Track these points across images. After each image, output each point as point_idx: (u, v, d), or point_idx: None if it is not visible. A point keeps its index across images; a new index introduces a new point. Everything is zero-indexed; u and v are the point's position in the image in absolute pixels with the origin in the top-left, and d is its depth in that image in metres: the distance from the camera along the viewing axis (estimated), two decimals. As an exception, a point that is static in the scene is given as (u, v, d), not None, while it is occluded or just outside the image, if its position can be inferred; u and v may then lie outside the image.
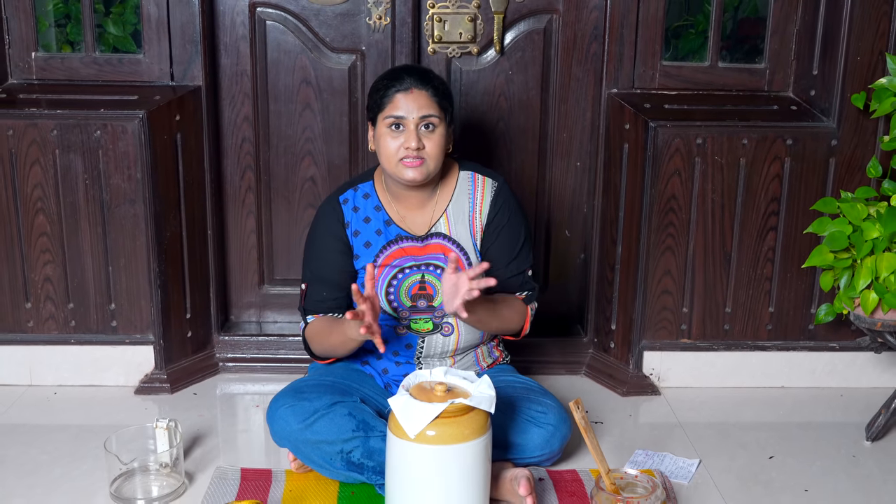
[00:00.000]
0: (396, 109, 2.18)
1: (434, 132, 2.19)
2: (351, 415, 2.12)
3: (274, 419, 2.18)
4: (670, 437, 2.53)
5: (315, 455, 2.13)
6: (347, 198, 2.31)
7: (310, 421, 2.12)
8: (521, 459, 2.20)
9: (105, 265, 2.67)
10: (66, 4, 2.73)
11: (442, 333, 2.30)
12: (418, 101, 2.18)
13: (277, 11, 2.76)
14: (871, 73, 2.57)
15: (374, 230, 2.29)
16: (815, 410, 2.70)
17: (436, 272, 2.28)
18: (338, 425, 2.11)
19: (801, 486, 2.28)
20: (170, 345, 2.74)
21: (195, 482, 2.25)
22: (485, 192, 2.32)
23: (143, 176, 2.59)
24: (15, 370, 2.74)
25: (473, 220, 2.31)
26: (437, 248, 2.29)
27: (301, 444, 2.13)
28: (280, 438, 2.19)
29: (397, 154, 2.17)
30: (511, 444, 2.18)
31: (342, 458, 2.11)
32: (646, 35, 2.73)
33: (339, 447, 2.11)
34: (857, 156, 2.64)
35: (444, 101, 2.22)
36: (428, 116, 2.18)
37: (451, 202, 2.30)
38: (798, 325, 2.78)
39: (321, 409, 2.13)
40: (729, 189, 2.66)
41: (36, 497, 2.17)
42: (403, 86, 2.19)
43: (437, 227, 2.30)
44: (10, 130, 2.55)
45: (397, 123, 2.18)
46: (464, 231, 2.30)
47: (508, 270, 2.31)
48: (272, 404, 2.21)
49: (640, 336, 2.77)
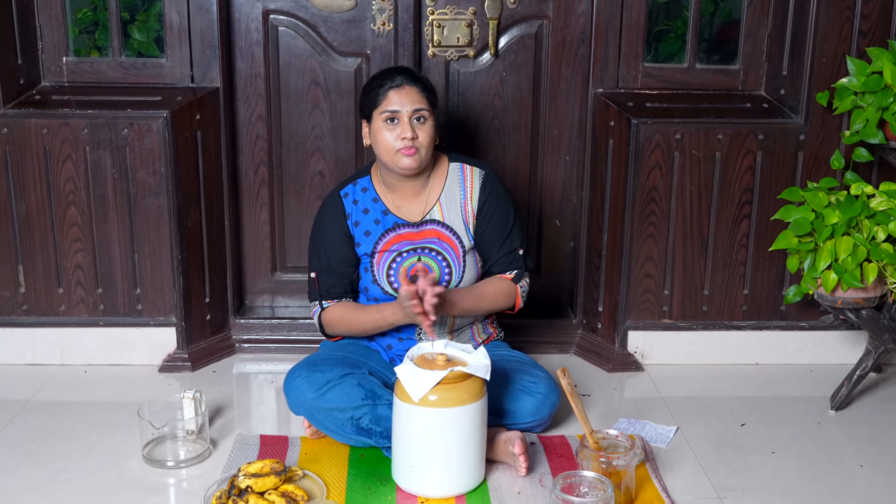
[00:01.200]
0: (391, 104, 2.39)
1: (425, 124, 2.41)
2: (360, 385, 2.34)
3: (290, 389, 2.40)
4: (652, 408, 2.73)
5: (328, 421, 2.34)
6: (347, 192, 2.53)
7: (323, 390, 2.33)
8: (514, 425, 2.42)
9: (131, 253, 2.87)
10: (94, 13, 2.91)
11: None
12: (410, 96, 2.39)
13: (289, 18, 2.96)
14: (834, 74, 2.76)
15: (372, 220, 2.50)
16: (786, 384, 2.89)
17: (431, 254, 2.49)
18: (348, 394, 2.33)
19: (768, 449, 2.49)
20: (190, 327, 2.95)
21: (218, 447, 2.47)
22: (473, 181, 2.54)
23: (166, 170, 2.79)
24: (48, 350, 2.93)
25: (465, 207, 2.52)
26: (431, 233, 2.51)
27: (315, 412, 2.35)
28: (296, 407, 2.40)
29: (394, 145, 2.39)
30: (505, 411, 2.40)
31: (352, 424, 2.33)
32: (629, 39, 2.91)
33: (349, 414, 2.32)
34: (823, 150, 2.83)
35: (431, 96, 2.45)
36: (419, 110, 2.40)
37: (444, 191, 2.52)
38: (770, 306, 2.97)
39: (333, 380, 2.34)
40: (706, 180, 2.86)
41: (76, 460, 2.39)
42: (395, 83, 2.40)
43: (432, 214, 2.51)
44: (45, 129, 2.76)
45: (392, 117, 2.40)
46: (456, 217, 2.52)
47: (501, 251, 2.53)
48: (288, 376, 2.43)
49: (624, 317, 2.97)
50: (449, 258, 2.49)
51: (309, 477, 2.26)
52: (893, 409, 2.73)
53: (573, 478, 2.04)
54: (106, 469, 2.35)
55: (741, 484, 2.32)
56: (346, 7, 2.95)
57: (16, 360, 2.93)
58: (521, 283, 2.58)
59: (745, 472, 2.37)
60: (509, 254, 2.55)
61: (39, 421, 2.59)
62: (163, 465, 2.36)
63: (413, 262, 2.49)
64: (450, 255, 2.49)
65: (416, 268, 2.37)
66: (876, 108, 2.54)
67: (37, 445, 2.45)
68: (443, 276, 2.49)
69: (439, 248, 2.49)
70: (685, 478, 2.34)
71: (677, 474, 2.36)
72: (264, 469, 2.17)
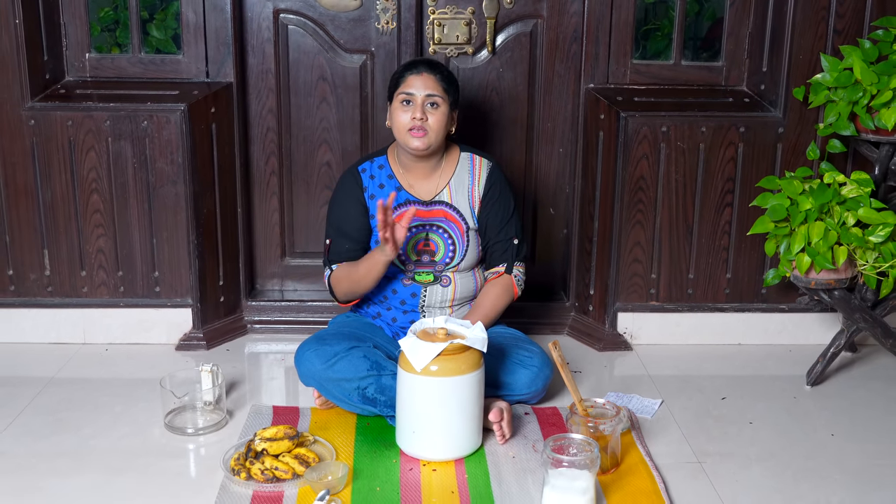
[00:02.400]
0: (408, 87, 2.59)
1: (437, 110, 2.59)
2: (366, 357, 2.51)
3: (301, 361, 2.58)
4: (639, 384, 2.91)
5: (336, 391, 2.52)
6: (365, 168, 2.72)
7: (331, 362, 2.51)
8: (510, 396, 2.60)
9: (150, 238, 3.04)
10: (115, 11, 3.08)
11: (441, 285, 2.70)
12: (426, 82, 2.58)
13: (298, 17, 3.13)
14: (810, 70, 2.93)
15: (387, 195, 2.68)
16: (766, 363, 3.07)
17: (438, 231, 2.68)
18: (355, 365, 2.50)
19: (746, 420, 2.67)
20: (205, 308, 3.12)
21: (234, 417, 2.64)
22: (481, 171, 2.72)
23: (183, 160, 2.96)
24: (71, 330, 3.11)
25: (472, 192, 2.71)
26: (440, 213, 2.69)
27: (324, 382, 2.53)
28: (306, 378, 2.58)
29: (406, 125, 2.58)
30: (502, 383, 2.58)
31: (358, 394, 2.51)
32: (618, 37, 3.07)
33: (356, 384, 2.50)
34: (800, 141, 3.00)
35: (448, 86, 2.62)
36: (433, 95, 2.58)
37: (454, 176, 2.70)
38: (752, 289, 3.15)
39: (341, 353, 2.52)
40: (690, 170, 3.03)
41: (102, 427, 2.57)
42: (416, 70, 2.60)
43: (441, 195, 2.70)
44: (70, 121, 2.93)
45: (408, 100, 2.59)
46: (463, 200, 2.70)
47: (499, 237, 2.72)
48: (299, 349, 2.60)
49: (614, 299, 3.14)
50: (454, 236, 2.67)
51: (319, 442, 2.43)
52: (865, 385, 2.91)
53: (563, 440, 2.22)
54: (131, 436, 2.53)
55: (719, 449, 2.50)
56: (352, 7, 3.12)
57: (41, 339, 3.11)
58: (516, 273, 2.75)
59: (723, 440, 2.55)
60: (505, 241, 2.73)
61: (66, 394, 2.77)
62: (183, 432, 2.54)
63: (422, 237, 2.67)
64: (454, 233, 2.67)
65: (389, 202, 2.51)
66: (847, 103, 2.72)
67: (65, 415, 2.63)
68: (447, 252, 2.67)
69: (446, 226, 2.68)
70: (668, 444, 2.52)
71: (660, 441, 2.54)
72: (278, 434, 2.34)
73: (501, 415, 2.46)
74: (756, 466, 2.42)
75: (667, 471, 2.37)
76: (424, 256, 2.69)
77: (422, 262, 2.69)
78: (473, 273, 2.76)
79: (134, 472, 2.34)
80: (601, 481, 2.28)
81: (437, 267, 2.70)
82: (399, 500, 2.20)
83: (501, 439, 2.47)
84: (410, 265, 2.69)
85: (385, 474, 2.32)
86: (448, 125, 2.64)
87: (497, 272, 2.74)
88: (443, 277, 2.70)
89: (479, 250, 2.73)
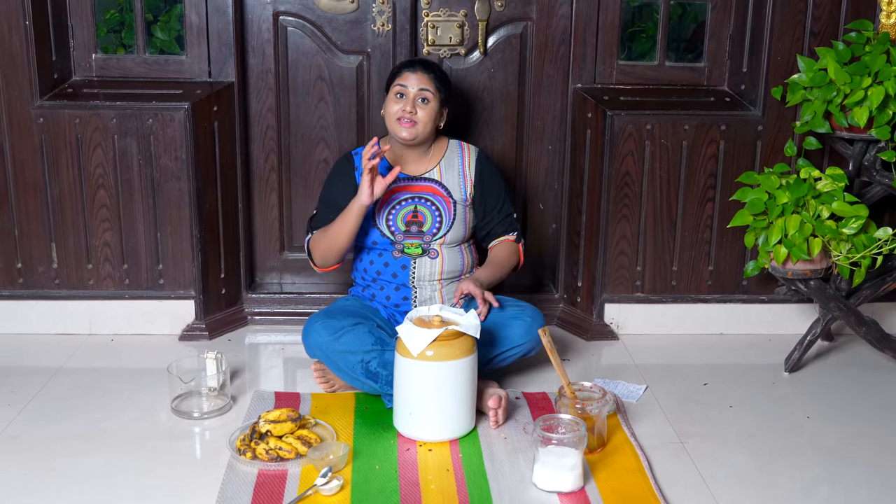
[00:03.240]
0: (402, 81, 2.78)
1: (427, 105, 2.76)
2: (370, 332, 2.64)
3: (309, 333, 2.69)
4: (625, 371, 3.03)
5: (341, 362, 2.64)
6: (358, 151, 2.91)
7: (338, 335, 2.63)
8: (509, 350, 2.73)
9: (154, 232, 3.15)
10: (120, 13, 3.19)
11: (429, 257, 2.83)
12: (420, 78, 2.76)
13: (297, 19, 3.24)
14: (788, 71, 3.07)
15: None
16: (747, 352, 3.20)
17: (426, 204, 2.83)
18: (360, 339, 2.62)
19: (726, 404, 2.80)
20: (207, 300, 3.23)
21: (238, 402, 2.76)
22: (470, 154, 2.92)
23: (187, 157, 3.08)
24: (77, 322, 3.22)
25: (464, 172, 2.87)
26: (427, 188, 2.85)
27: (330, 353, 2.64)
28: (313, 349, 2.70)
29: (396, 115, 2.75)
30: (500, 337, 2.71)
31: (362, 367, 2.62)
32: (605, 39, 3.20)
33: (360, 357, 2.62)
34: (779, 139, 3.14)
35: (440, 84, 2.79)
36: (424, 90, 2.76)
37: (443, 158, 2.88)
38: (733, 281, 3.28)
39: (347, 326, 2.64)
40: (673, 167, 3.16)
41: (112, 412, 2.68)
42: (412, 67, 2.80)
43: (431, 174, 2.87)
44: (77, 119, 3.04)
45: (401, 93, 2.77)
46: (453, 178, 2.86)
47: (500, 214, 2.91)
48: (308, 323, 2.72)
49: (601, 291, 3.27)
50: (441, 208, 2.83)
51: (320, 425, 2.55)
52: (841, 371, 3.05)
53: (552, 420, 2.34)
54: (139, 420, 2.64)
55: (701, 431, 2.63)
56: (349, 9, 3.24)
57: (48, 329, 3.21)
58: (522, 242, 2.96)
59: (704, 422, 2.68)
60: (507, 217, 2.93)
61: (75, 381, 2.88)
62: (189, 416, 2.65)
63: (410, 209, 2.82)
64: (441, 205, 2.83)
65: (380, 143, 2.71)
66: (822, 102, 2.85)
67: (75, 401, 2.74)
68: (434, 222, 2.82)
69: (433, 199, 2.84)
70: (651, 426, 2.65)
71: (645, 423, 2.67)
72: (282, 416, 2.46)
73: (500, 402, 2.58)
74: (735, 446, 2.55)
75: (651, 450, 2.50)
76: (413, 227, 2.83)
77: (410, 233, 2.83)
78: (460, 248, 2.89)
79: (144, 452, 2.45)
80: (588, 460, 2.40)
81: (424, 238, 2.83)
82: (397, 478, 2.32)
83: (495, 425, 2.59)
84: (400, 236, 2.82)
85: (383, 454, 2.44)
86: (437, 120, 2.82)
87: (507, 239, 2.92)
88: (430, 250, 2.84)
89: (465, 226, 2.87)
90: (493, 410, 2.58)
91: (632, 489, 2.28)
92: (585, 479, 2.30)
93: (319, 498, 2.22)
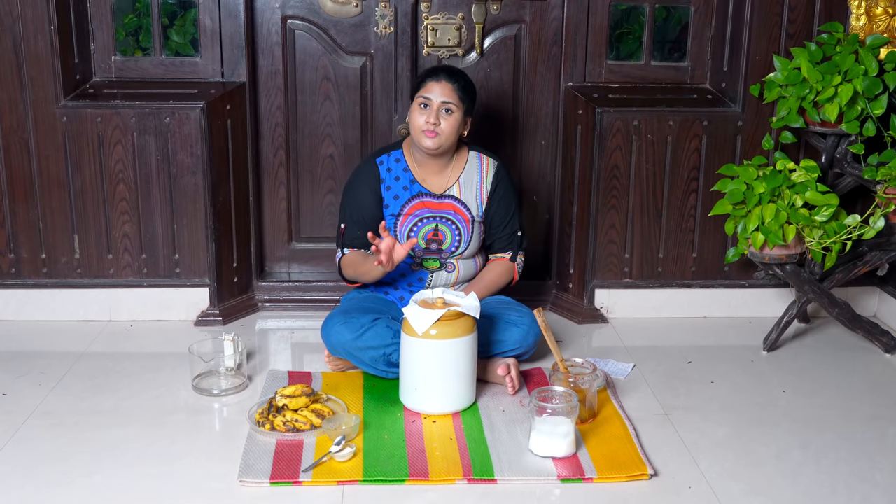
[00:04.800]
0: (427, 92, 2.86)
1: (451, 115, 2.86)
2: (388, 327, 2.81)
3: (330, 334, 2.84)
4: (614, 351, 3.23)
5: (364, 357, 2.81)
6: (383, 160, 2.98)
7: (360, 333, 2.79)
8: (504, 353, 2.91)
9: (171, 224, 3.33)
10: (138, 18, 3.36)
11: (446, 271, 3.01)
12: (444, 90, 2.84)
13: (304, 23, 3.42)
14: (765, 69, 3.26)
15: (402, 186, 2.97)
16: (728, 333, 3.40)
17: (447, 223, 2.97)
18: (381, 335, 2.79)
19: (708, 379, 3.01)
20: (221, 287, 3.41)
21: (253, 382, 2.95)
22: (489, 169, 3.03)
23: (202, 153, 3.25)
24: (98, 309, 3.40)
25: (480, 189, 3.01)
26: (449, 205, 2.98)
27: (353, 351, 2.81)
28: (335, 349, 2.85)
29: (421, 126, 2.85)
30: (496, 340, 2.89)
31: (384, 360, 2.81)
32: (594, 40, 3.38)
33: (381, 351, 2.80)
34: (757, 133, 3.33)
35: (464, 95, 2.87)
36: (448, 102, 2.85)
37: (463, 173, 3.00)
38: (716, 267, 3.47)
39: (367, 324, 2.80)
40: (659, 160, 3.34)
41: (136, 390, 2.87)
42: (437, 77, 2.86)
43: (451, 190, 2.99)
44: (99, 118, 3.22)
45: (425, 103, 2.86)
46: (471, 195, 3.00)
47: (504, 231, 3.05)
48: (327, 323, 2.86)
49: (592, 277, 3.45)
50: (461, 228, 2.97)
51: (332, 400, 2.75)
52: (816, 350, 3.26)
53: (547, 392, 2.54)
54: (162, 397, 2.83)
55: (684, 404, 2.83)
56: (353, 13, 3.42)
57: (70, 316, 3.40)
58: (518, 261, 3.09)
59: (687, 396, 2.89)
60: (511, 234, 3.06)
61: (99, 364, 3.06)
62: (209, 393, 2.85)
63: (432, 227, 2.96)
64: (461, 224, 2.97)
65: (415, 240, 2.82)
66: (796, 98, 3.06)
67: (101, 381, 2.93)
68: (454, 241, 2.97)
69: (454, 218, 2.98)
70: (638, 399, 2.86)
71: (632, 397, 2.87)
72: (297, 392, 2.65)
73: (508, 369, 2.78)
74: (715, 417, 2.75)
75: (637, 421, 2.70)
76: (433, 245, 2.98)
77: (430, 251, 2.98)
78: (475, 259, 3.07)
79: (169, 426, 2.65)
80: (581, 429, 2.60)
81: (443, 255, 3.00)
82: (405, 446, 2.52)
83: (512, 390, 2.79)
84: (420, 252, 2.99)
85: (391, 425, 2.63)
86: (460, 129, 2.90)
87: (502, 257, 3.07)
88: (448, 264, 3.01)
89: (480, 240, 3.04)
90: (506, 377, 2.77)
91: (620, 455, 2.48)
92: (577, 446, 2.51)
93: (334, 463, 2.42)
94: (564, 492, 2.33)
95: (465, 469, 2.39)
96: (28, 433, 2.58)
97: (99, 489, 2.31)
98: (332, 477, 2.35)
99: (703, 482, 2.38)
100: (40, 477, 2.36)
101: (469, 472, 2.37)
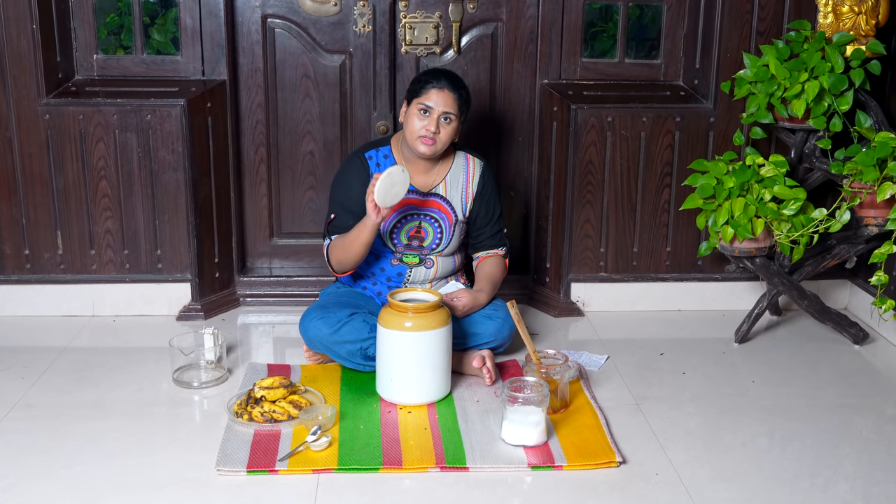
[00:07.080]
0: (428, 100, 2.85)
1: (450, 125, 2.89)
2: (365, 321, 2.85)
3: (308, 329, 2.89)
4: (589, 344, 3.29)
5: (341, 351, 2.86)
6: (371, 155, 3.01)
7: (337, 327, 2.84)
8: (481, 345, 2.97)
9: (153, 220, 3.37)
10: (120, 17, 3.41)
11: (425, 266, 3.06)
12: (446, 99, 2.85)
13: (284, 21, 3.46)
14: (736, 66, 3.32)
15: None
16: (702, 326, 3.46)
17: (430, 221, 3.02)
18: (357, 329, 2.84)
19: (680, 370, 3.07)
20: (202, 283, 3.46)
21: (233, 374, 3.00)
22: (475, 170, 3.07)
23: (183, 150, 3.30)
24: (81, 304, 3.44)
25: (466, 189, 3.05)
26: (434, 203, 3.03)
27: (331, 345, 2.86)
28: (313, 343, 2.90)
29: (419, 132, 2.86)
30: (472, 333, 2.96)
31: (361, 353, 2.86)
32: (569, 38, 3.45)
33: (358, 345, 2.85)
34: (729, 129, 3.39)
35: (464, 105, 2.90)
36: (448, 113, 2.87)
37: (450, 172, 3.04)
38: (689, 261, 3.54)
39: (343, 319, 2.85)
40: (633, 156, 3.40)
41: (118, 383, 2.91)
42: (439, 84, 2.85)
43: (437, 189, 3.03)
44: (81, 115, 3.27)
45: (425, 110, 2.87)
46: (456, 195, 3.04)
47: (491, 229, 3.11)
48: (305, 317, 2.91)
49: (568, 271, 3.51)
50: (443, 226, 3.03)
51: (310, 391, 2.80)
52: (786, 342, 3.33)
53: (519, 382, 2.60)
54: (144, 390, 2.88)
55: (655, 394, 2.90)
56: (332, 12, 3.47)
57: (54, 311, 3.44)
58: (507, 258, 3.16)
59: (659, 386, 2.95)
60: (497, 233, 3.12)
61: (81, 358, 3.11)
62: (189, 386, 2.90)
63: (415, 224, 3.00)
64: (444, 223, 3.03)
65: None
66: (765, 95, 3.12)
67: (84, 374, 2.97)
68: (435, 238, 3.03)
69: (437, 216, 3.03)
70: (611, 390, 2.92)
71: (605, 388, 2.93)
72: (275, 384, 2.70)
73: (484, 360, 2.84)
74: (685, 407, 2.82)
75: (609, 411, 2.76)
76: (414, 241, 3.03)
77: (411, 247, 3.03)
78: (454, 256, 3.12)
79: (150, 417, 2.70)
80: (552, 419, 2.66)
81: (423, 251, 3.05)
82: (380, 435, 2.57)
83: (489, 381, 2.85)
84: (401, 248, 3.03)
85: (367, 416, 2.69)
86: (455, 136, 2.93)
87: (495, 253, 3.12)
88: (427, 260, 3.06)
89: (460, 239, 3.09)
90: (482, 368, 2.84)
91: (590, 443, 2.54)
92: (549, 435, 2.57)
93: (310, 453, 2.47)
94: (535, 479, 2.39)
95: (437, 457, 2.45)
96: (9, 426, 2.63)
97: (80, 480, 2.35)
98: (307, 466, 2.40)
99: (671, 469, 2.45)
100: (22, 468, 2.40)
101: (442, 461, 2.43)
